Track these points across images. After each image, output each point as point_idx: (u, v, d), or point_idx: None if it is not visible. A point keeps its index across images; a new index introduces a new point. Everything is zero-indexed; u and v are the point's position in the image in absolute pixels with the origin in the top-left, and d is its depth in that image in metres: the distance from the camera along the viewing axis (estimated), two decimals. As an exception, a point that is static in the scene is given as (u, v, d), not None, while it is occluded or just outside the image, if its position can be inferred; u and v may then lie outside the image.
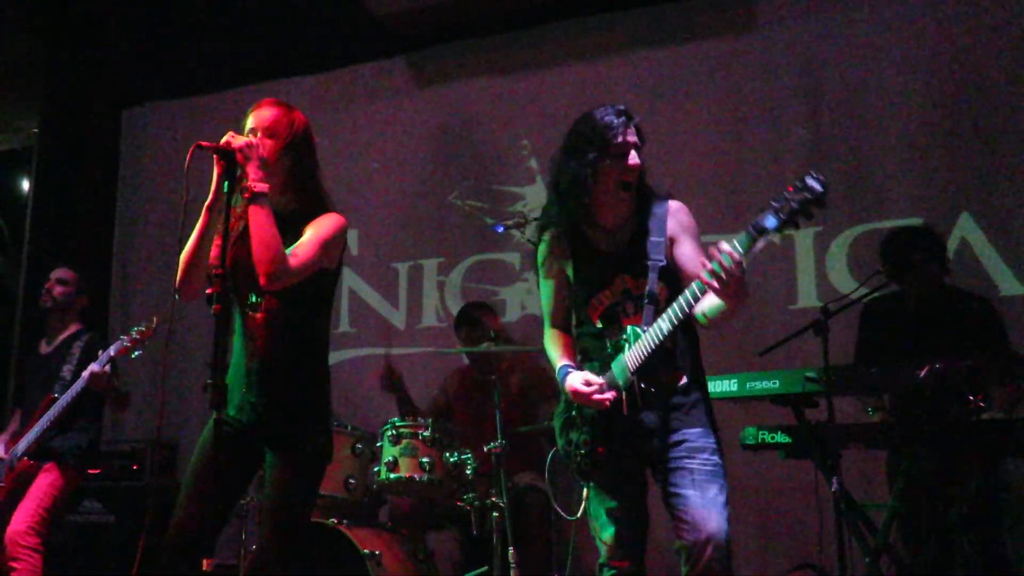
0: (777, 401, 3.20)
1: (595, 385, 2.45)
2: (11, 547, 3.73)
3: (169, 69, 6.35)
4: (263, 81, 5.73)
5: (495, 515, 3.71)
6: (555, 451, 2.71)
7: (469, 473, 3.86)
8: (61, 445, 3.95)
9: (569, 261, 2.61)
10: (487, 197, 5.39)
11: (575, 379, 2.49)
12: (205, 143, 2.39)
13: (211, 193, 2.47)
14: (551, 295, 2.69)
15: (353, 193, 5.50)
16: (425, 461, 3.83)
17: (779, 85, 4.84)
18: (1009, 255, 4.32)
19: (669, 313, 2.34)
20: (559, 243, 2.60)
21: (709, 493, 2.36)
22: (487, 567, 3.76)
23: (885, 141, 4.60)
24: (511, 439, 3.90)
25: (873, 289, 3.53)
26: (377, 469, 3.92)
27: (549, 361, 2.68)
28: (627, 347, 2.44)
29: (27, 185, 6.49)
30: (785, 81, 4.84)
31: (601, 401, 2.43)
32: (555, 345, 2.68)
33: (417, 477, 3.82)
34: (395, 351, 5.44)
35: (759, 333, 4.36)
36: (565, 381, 2.53)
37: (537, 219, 2.72)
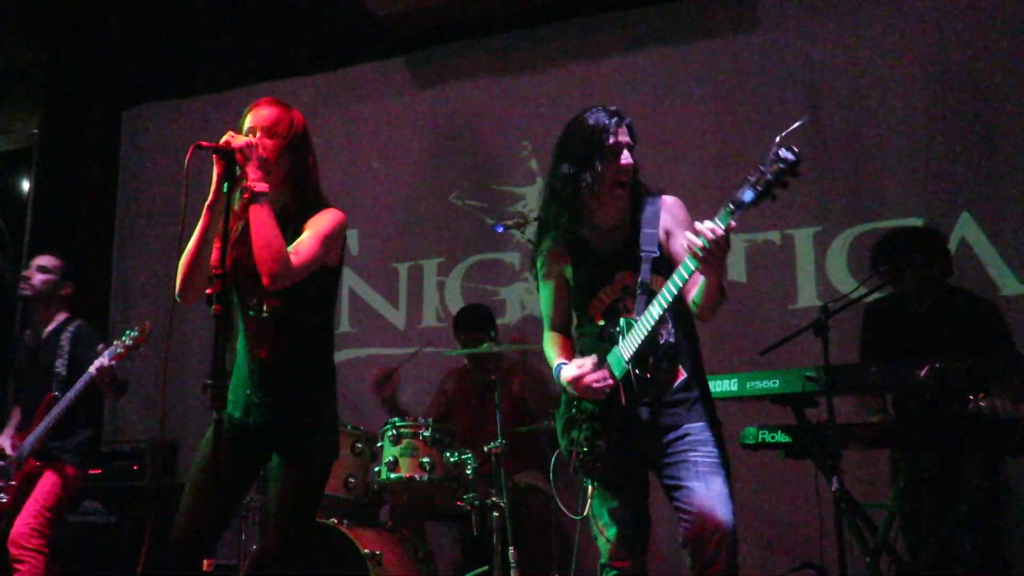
0: (777, 401, 3.19)
1: (588, 367, 2.45)
2: (14, 549, 3.71)
3: (169, 69, 6.34)
4: (263, 81, 5.73)
5: (495, 515, 3.71)
6: (558, 452, 2.71)
7: (469, 473, 3.86)
8: (62, 445, 3.93)
9: (568, 263, 2.61)
10: (487, 197, 5.39)
11: (568, 369, 2.51)
12: (205, 143, 2.39)
13: (211, 193, 2.46)
14: (550, 298, 2.70)
15: (353, 193, 5.50)
16: (425, 461, 3.83)
17: (779, 85, 4.84)
18: (1009, 255, 4.31)
19: (659, 298, 2.35)
20: (557, 247, 2.60)
21: (714, 484, 2.36)
22: (487, 567, 3.77)
23: (885, 141, 4.60)
24: (511, 439, 3.90)
25: (872, 289, 3.53)
26: (377, 469, 3.93)
27: (548, 363, 2.68)
28: (621, 338, 2.44)
29: (27, 185, 6.47)
30: (785, 81, 4.84)
31: (596, 382, 2.42)
32: (553, 346, 2.68)
33: (417, 477, 3.82)
34: (395, 351, 5.44)
35: (759, 333, 4.36)
36: (560, 375, 2.54)
37: (536, 219, 2.73)
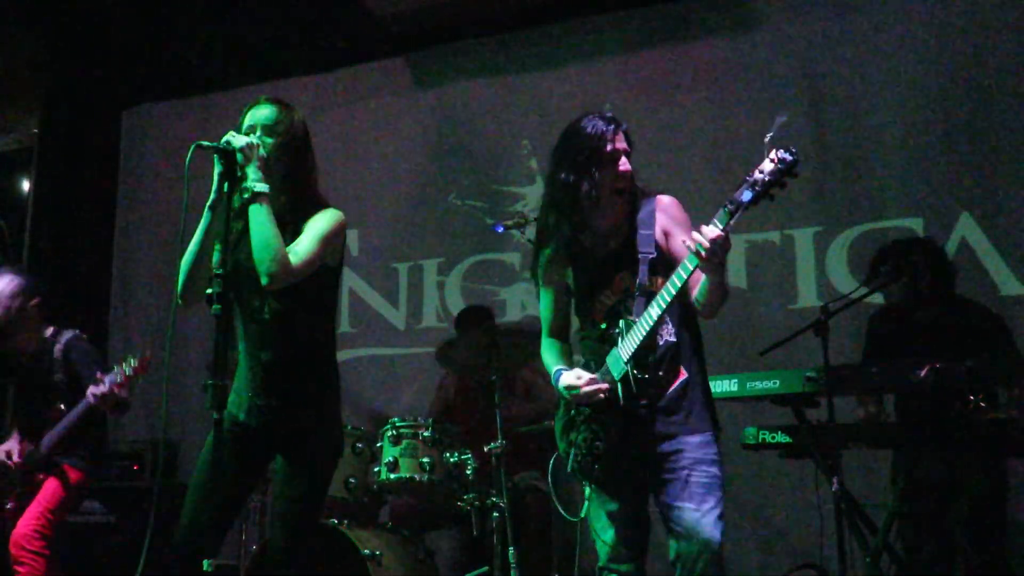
0: (777, 401, 3.20)
1: (586, 377, 2.47)
2: (16, 551, 3.68)
3: (169, 69, 6.34)
4: (263, 81, 5.73)
5: (495, 515, 3.71)
6: (556, 454, 2.72)
7: (469, 473, 3.86)
8: (68, 449, 3.92)
9: (568, 269, 2.61)
10: (487, 197, 5.39)
11: (568, 376, 2.52)
12: (205, 143, 2.39)
13: (212, 193, 2.46)
14: (550, 305, 2.70)
15: (353, 193, 5.50)
16: (425, 461, 3.83)
17: (779, 85, 4.84)
18: (1009, 255, 4.31)
19: (658, 298, 2.35)
20: (557, 253, 2.60)
21: (705, 505, 2.37)
22: (487, 567, 3.76)
23: (885, 141, 4.60)
24: (512, 439, 3.90)
25: (872, 289, 3.53)
26: (377, 469, 3.92)
27: (546, 369, 2.68)
28: (620, 339, 2.44)
29: (27, 185, 6.47)
30: (785, 81, 4.83)
31: (594, 392, 2.44)
32: (551, 352, 2.69)
33: (417, 477, 3.81)
34: (395, 351, 5.44)
35: (759, 333, 4.37)
36: (559, 381, 2.54)
37: (536, 224, 2.72)
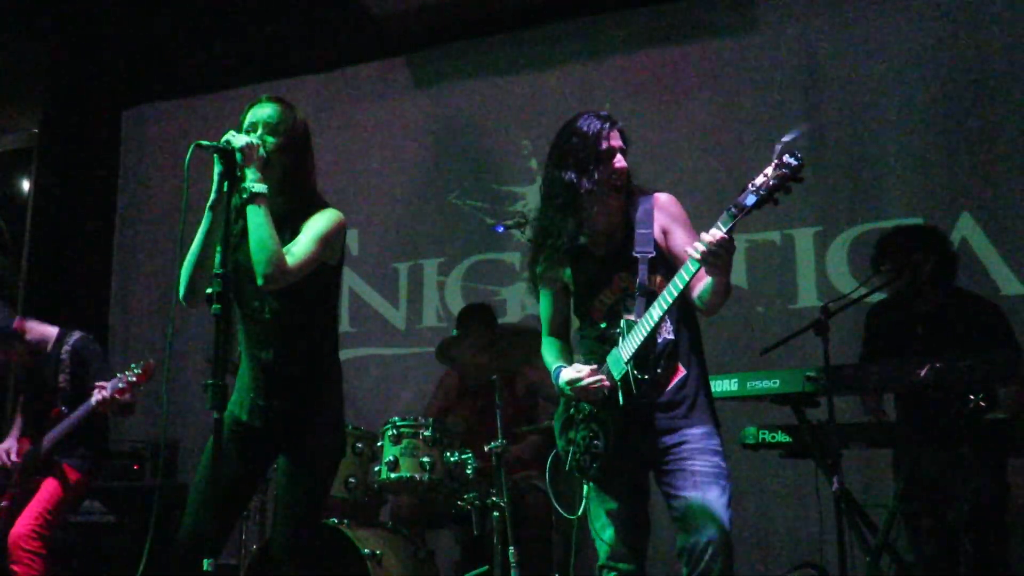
0: (777, 401, 3.20)
1: (586, 370, 2.47)
2: (13, 550, 3.68)
3: (169, 69, 6.35)
4: (263, 81, 5.73)
5: (495, 515, 3.71)
6: (555, 452, 2.71)
7: (469, 473, 3.86)
8: (68, 449, 3.91)
9: (567, 269, 2.61)
10: (487, 197, 5.39)
11: (567, 371, 2.52)
12: (205, 143, 2.38)
13: (212, 193, 2.46)
14: (549, 305, 2.70)
15: (353, 193, 5.50)
16: (426, 461, 3.82)
17: (779, 85, 4.84)
18: (1009, 255, 4.32)
19: (660, 300, 2.35)
20: (556, 253, 2.59)
21: (710, 495, 2.36)
22: (487, 567, 3.76)
23: (885, 141, 4.60)
24: (512, 439, 3.89)
25: (873, 289, 3.52)
26: (378, 469, 3.92)
27: (547, 367, 2.68)
28: (621, 339, 2.44)
29: (27, 185, 6.47)
30: (785, 81, 4.84)
31: (595, 383, 2.43)
32: (551, 351, 2.68)
33: (418, 477, 3.81)
34: (395, 351, 5.44)
35: (759, 333, 4.37)
36: (559, 378, 2.54)
37: (534, 220, 2.72)
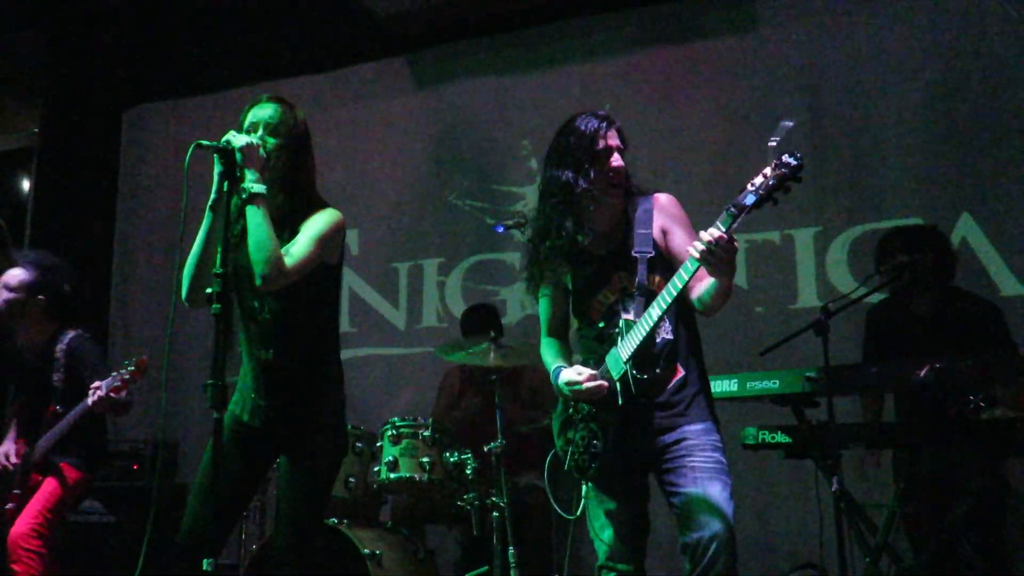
0: (777, 401, 3.19)
1: (586, 373, 2.47)
2: (13, 549, 3.68)
3: (169, 69, 6.34)
4: (263, 81, 5.73)
5: (495, 515, 3.71)
6: (553, 452, 2.71)
7: (469, 473, 3.86)
8: (67, 449, 3.91)
9: (566, 268, 2.61)
10: (487, 197, 5.39)
11: (568, 372, 2.52)
12: (205, 142, 2.38)
13: (212, 193, 2.45)
14: (548, 304, 2.70)
15: (353, 193, 5.50)
16: (425, 461, 3.83)
17: (779, 85, 4.84)
18: (1009, 255, 4.32)
19: (659, 300, 2.35)
20: (555, 252, 2.59)
21: (712, 490, 2.36)
22: (487, 567, 3.76)
23: (885, 141, 4.60)
24: (513, 439, 3.89)
25: (873, 289, 3.52)
26: (377, 469, 3.92)
27: (546, 367, 2.67)
28: (620, 339, 2.44)
29: (27, 185, 6.47)
30: (785, 81, 4.84)
31: (594, 388, 2.43)
32: (550, 351, 2.68)
33: (417, 477, 3.81)
34: (395, 351, 5.44)
35: (759, 333, 4.37)
36: (559, 378, 2.54)
37: (533, 220, 2.72)
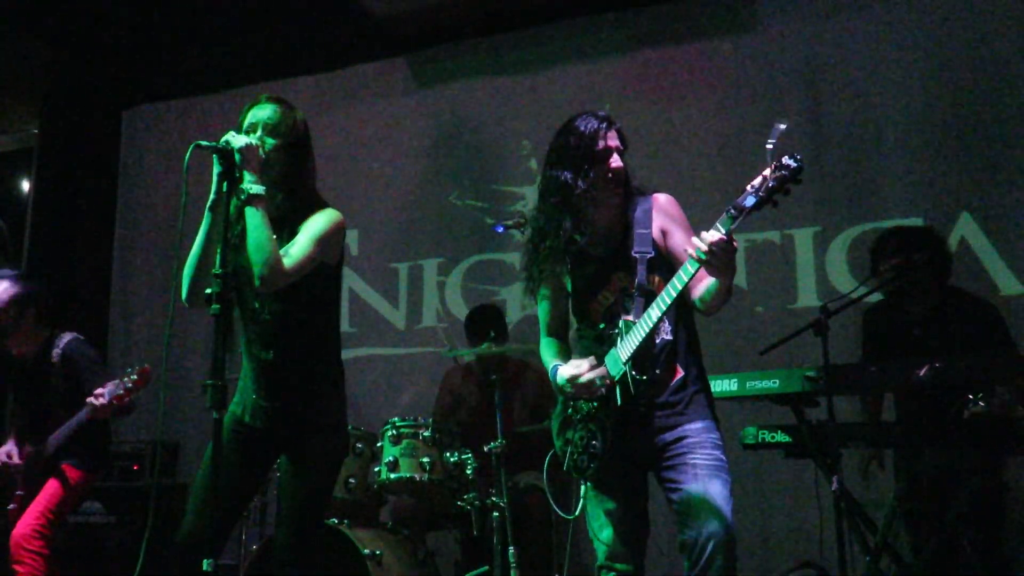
0: (777, 400, 3.20)
1: (586, 364, 2.46)
2: (15, 549, 3.69)
3: (169, 69, 6.35)
4: (263, 81, 5.73)
5: (495, 515, 3.71)
6: (552, 451, 2.71)
7: (469, 473, 3.86)
8: (69, 450, 3.91)
9: (565, 269, 2.60)
10: (487, 197, 5.39)
11: (566, 368, 2.50)
12: (204, 143, 2.38)
13: (212, 193, 2.46)
14: (547, 305, 2.69)
15: (353, 193, 5.50)
16: (425, 461, 3.83)
17: (779, 85, 4.84)
18: (1009, 255, 4.31)
19: (659, 300, 2.35)
20: (554, 253, 2.58)
21: (712, 488, 2.35)
22: (487, 567, 3.76)
23: (885, 141, 4.60)
24: (514, 440, 3.89)
25: (873, 289, 3.52)
26: (377, 469, 3.92)
27: (544, 366, 2.67)
28: (619, 340, 2.44)
29: (27, 185, 6.48)
30: (785, 81, 4.84)
31: (593, 381, 2.42)
32: (549, 350, 2.68)
33: (417, 477, 3.81)
34: (395, 351, 5.44)
35: (759, 333, 4.37)
36: (557, 376, 2.53)
37: (532, 220, 2.71)
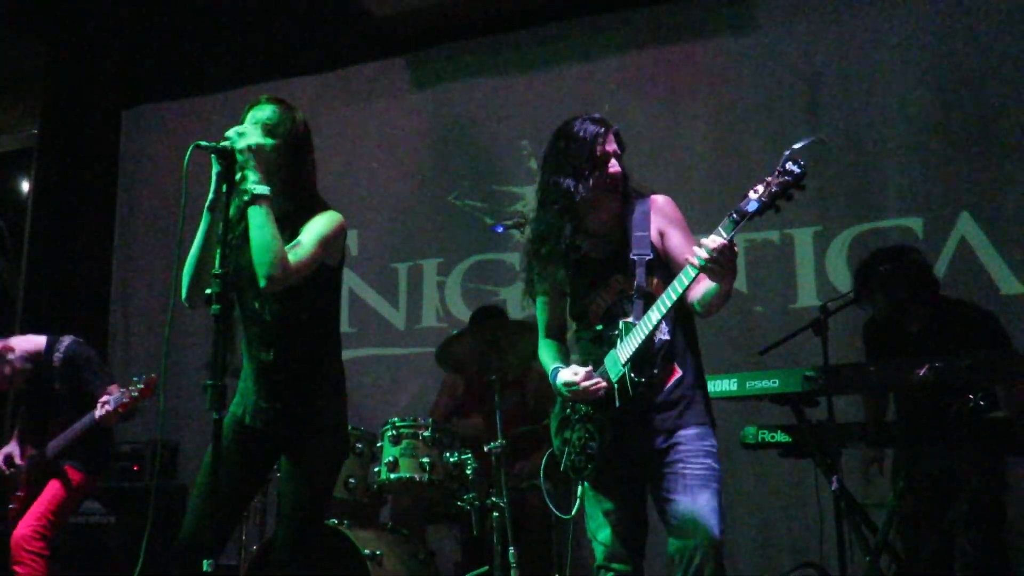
0: (777, 400, 3.20)
1: (583, 372, 2.46)
2: (16, 551, 3.70)
3: (169, 69, 6.35)
4: (263, 81, 5.73)
5: (495, 515, 3.71)
6: (550, 452, 2.72)
7: (469, 473, 3.86)
8: (71, 452, 3.90)
9: (563, 272, 2.60)
10: (487, 197, 5.39)
11: (565, 373, 2.51)
12: (204, 143, 2.38)
13: (211, 193, 2.45)
14: (546, 308, 2.70)
15: (353, 193, 5.50)
16: (425, 461, 3.83)
17: (779, 85, 4.84)
18: (1009, 255, 4.31)
19: (658, 303, 2.35)
20: (552, 256, 2.58)
21: (700, 499, 2.36)
22: (487, 567, 3.76)
23: (885, 141, 4.60)
24: (514, 440, 3.89)
25: (870, 293, 3.52)
26: (377, 469, 3.92)
27: (544, 369, 2.67)
28: (619, 341, 2.44)
29: (27, 185, 6.47)
30: (785, 81, 4.84)
31: (591, 388, 2.43)
32: (548, 353, 2.68)
33: (417, 477, 3.81)
34: (395, 351, 5.44)
35: (759, 333, 4.37)
36: (556, 379, 2.54)
37: (531, 228, 2.71)
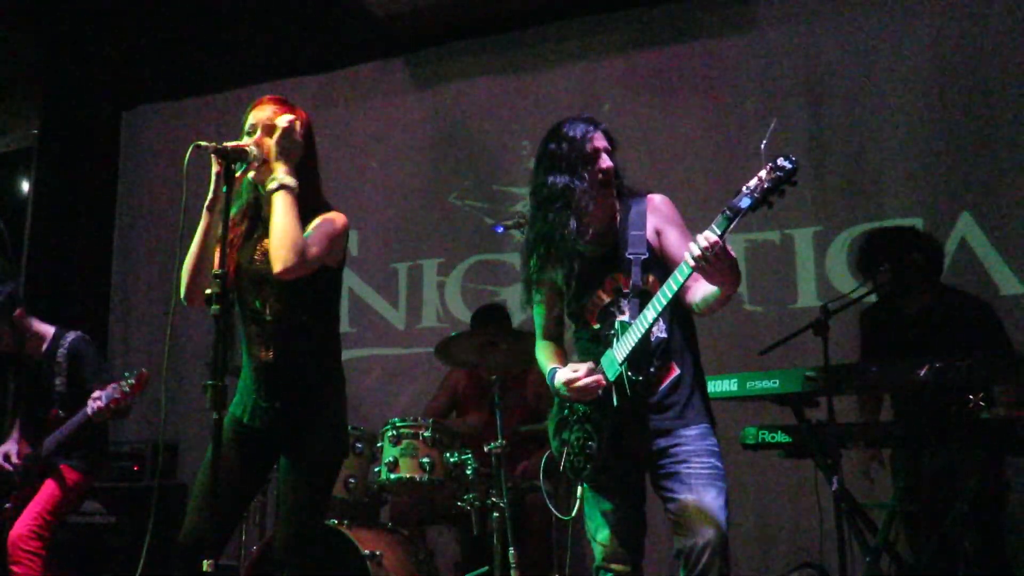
0: (777, 401, 3.19)
1: (583, 368, 2.47)
2: (12, 550, 3.71)
3: (169, 69, 6.35)
4: (263, 81, 5.73)
5: (495, 515, 3.71)
6: (549, 452, 2.72)
7: (469, 473, 3.86)
8: (67, 451, 3.91)
9: (559, 271, 2.60)
10: (487, 197, 5.39)
11: (563, 372, 2.52)
12: (203, 143, 2.38)
13: (210, 193, 2.47)
14: (543, 309, 2.70)
15: (353, 193, 5.50)
16: (425, 461, 3.83)
17: (779, 85, 4.84)
18: (1009, 255, 4.31)
19: (654, 302, 2.35)
20: (548, 257, 2.58)
21: (706, 497, 2.36)
22: (487, 567, 3.76)
23: (885, 141, 4.60)
24: (514, 440, 3.89)
25: (872, 290, 3.52)
26: (377, 469, 3.92)
27: (541, 370, 2.68)
28: (615, 340, 2.44)
29: (27, 185, 6.48)
30: (785, 81, 4.84)
31: (592, 384, 2.43)
32: (545, 353, 2.69)
33: (417, 477, 3.81)
34: (395, 351, 5.44)
35: (759, 333, 4.37)
36: (554, 379, 2.54)
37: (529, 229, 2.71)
